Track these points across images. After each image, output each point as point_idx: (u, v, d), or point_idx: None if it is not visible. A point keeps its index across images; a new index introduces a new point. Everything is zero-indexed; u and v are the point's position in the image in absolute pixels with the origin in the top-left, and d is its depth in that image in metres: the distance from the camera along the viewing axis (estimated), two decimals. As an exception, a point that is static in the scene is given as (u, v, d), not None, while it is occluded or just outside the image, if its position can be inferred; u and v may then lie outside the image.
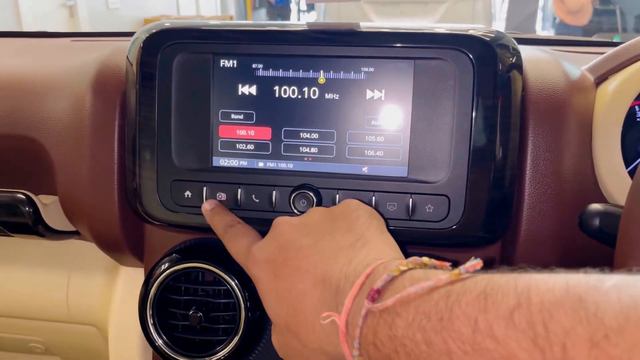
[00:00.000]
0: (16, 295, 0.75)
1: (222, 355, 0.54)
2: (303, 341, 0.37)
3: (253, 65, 0.51)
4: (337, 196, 0.50)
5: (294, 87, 0.50)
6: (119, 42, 0.71)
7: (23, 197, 0.61)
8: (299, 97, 0.50)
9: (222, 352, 0.54)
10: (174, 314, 0.56)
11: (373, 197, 0.49)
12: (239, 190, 0.51)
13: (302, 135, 0.51)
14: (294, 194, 0.50)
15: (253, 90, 0.51)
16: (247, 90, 0.51)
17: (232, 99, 0.51)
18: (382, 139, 0.50)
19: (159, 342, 0.55)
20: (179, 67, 0.51)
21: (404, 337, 0.28)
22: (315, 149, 0.51)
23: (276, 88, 0.50)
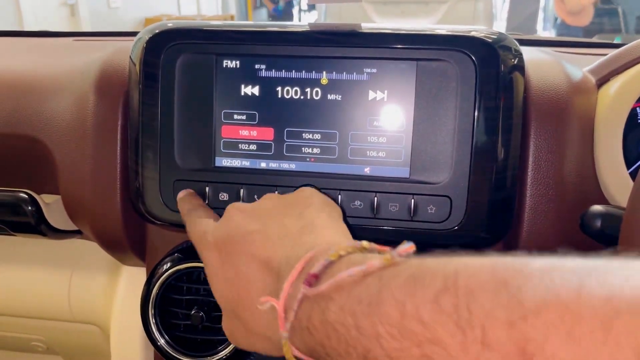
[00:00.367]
0: (18, 294, 0.75)
1: (223, 355, 0.54)
2: (248, 326, 0.37)
3: (256, 66, 0.51)
4: (340, 197, 0.50)
5: (296, 88, 0.50)
6: (122, 41, 0.71)
7: (26, 196, 0.61)
8: (302, 97, 0.50)
9: (224, 352, 0.54)
10: (176, 313, 0.56)
11: (375, 198, 0.50)
12: (241, 191, 0.51)
13: (304, 135, 0.51)
14: (296, 194, 0.50)
15: (256, 90, 0.51)
16: (250, 90, 0.51)
17: (234, 99, 0.51)
18: (385, 139, 0.50)
19: (161, 342, 0.55)
20: (181, 67, 0.51)
21: (336, 322, 0.28)
22: (318, 150, 0.51)
23: (279, 89, 0.51)
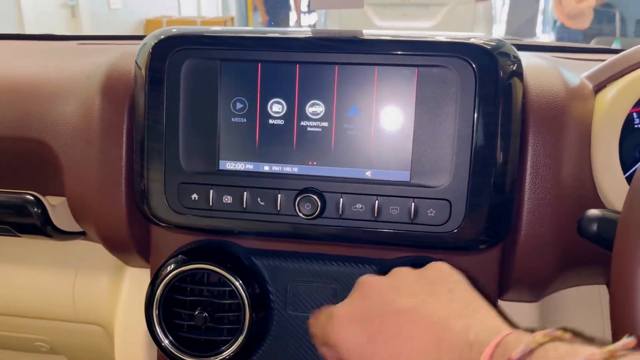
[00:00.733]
0: (22, 295, 0.76)
1: (226, 355, 0.55)
2: None
3: (259, 71, 0.52)
4: (341, 200, 0.51)
5: None
6: (126, 45, 0.72)
7: (32, 198, 0.62)
8: None
9: (227, 352, 0.55)
10: (180, 314, 0.57)
11: (376, 201, 0.51)
12: (244, 194, 0.52)
13: (306, 139, 0.52)
14: (298, 197, 0.51)
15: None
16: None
17: (238, 103, 0.52)
18: (386, 144, 0.51)
19: (165, 342, 0.56)
20: (187, 72, 0.52)
21: None
22: (320, 153, 0.52)
23: None
